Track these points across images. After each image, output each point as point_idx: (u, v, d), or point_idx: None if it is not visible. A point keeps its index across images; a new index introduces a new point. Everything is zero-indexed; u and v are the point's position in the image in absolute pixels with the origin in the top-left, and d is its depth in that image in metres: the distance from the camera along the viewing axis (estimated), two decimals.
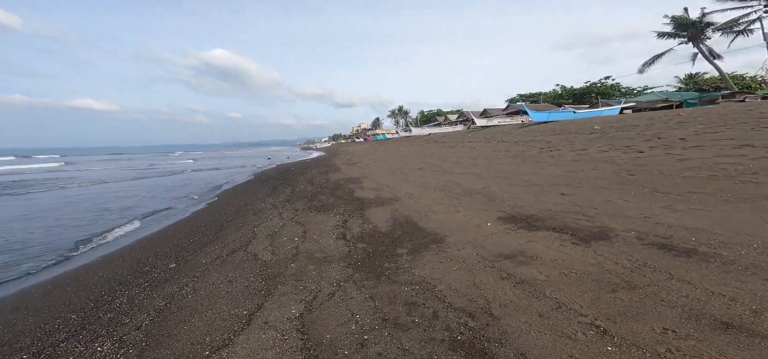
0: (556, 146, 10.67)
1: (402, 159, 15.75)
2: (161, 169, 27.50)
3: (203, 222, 7.25)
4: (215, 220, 7.31)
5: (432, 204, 6.06)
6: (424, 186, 7.89)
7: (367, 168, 14.03)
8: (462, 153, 13.72)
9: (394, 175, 10.76)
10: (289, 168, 20.29)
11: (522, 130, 17.56)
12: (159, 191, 13.48)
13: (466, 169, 9.56)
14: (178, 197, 11.70)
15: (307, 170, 17.33)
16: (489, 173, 8.29)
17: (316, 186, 10.45)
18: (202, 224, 7.03)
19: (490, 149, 12.83)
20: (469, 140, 18.17)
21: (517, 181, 7.02)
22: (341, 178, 11.88)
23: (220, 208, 8.77)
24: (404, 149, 23.42)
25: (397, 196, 7.24)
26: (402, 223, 5.15)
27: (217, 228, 6.47)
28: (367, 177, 11.06)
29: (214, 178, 18.36)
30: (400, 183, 8.91)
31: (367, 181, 10.24)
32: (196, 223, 7.30)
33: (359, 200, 7.43)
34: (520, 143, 12.53)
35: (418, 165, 12.35)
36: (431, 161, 12.96)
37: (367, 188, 8.91)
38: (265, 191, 10.82)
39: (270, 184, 12.87)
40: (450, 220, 4.92)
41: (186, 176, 19.87)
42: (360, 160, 19.03)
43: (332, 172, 14.53)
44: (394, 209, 6.08)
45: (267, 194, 10.23)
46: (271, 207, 7.90)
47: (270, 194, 10.03)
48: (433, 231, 4.50)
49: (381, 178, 10.39)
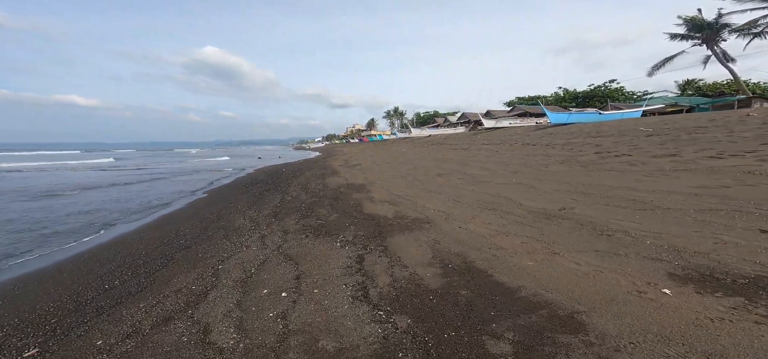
0: (611, 150, 8.84)
1: (410, 162, 13.78)
2: (128, 170, 24.96)
3: (144, 248, 5.11)
4: (165, 244, 5.20)
5: (491, 233, 4.07)
6: (459, 201, 5.90)
7: (371, 172, 12.02)
8: (483, 157, 11.81)
9: (408, 182, 8.78)
10: (279, 170, 18.13)
11: (542, 131, 15.80)
12: (109, 200, 11.22)
13: (505, 178, 7.62)
14: (132, 206, 9.48)
15: (300, 172, 15.23)
16: (549, 186, 6.30)
17: (311, 194, 8.41)
18: (140, 252, 4.90)
19: (519, 153, 10.95)
20: (481, 142, 16.34)
21: (615, 199, 4.91)
22: (341, 184, 9.85)
23: (180, 223, 6.64)
24: (407, 150, 21.49)
25: (427, 215, 5.25)
26: (459, 270, 3.16)
27: (162, 262, 4.36)
28: (374, 184, 9.05)
29: (187, 180, 16.09)
30: (421, 195, 6.93)
31: (375, 189, 8.23)
32: (134, 248, 5.16)
33: (373, 218, 5.42)
34: (554, 146, 10.69)
35: (434, 170, 10.40)
36: (449, 166, 11.02)
37: (379, 200, 6.90)
38: (248, 199, 8.72)
39: (256, 189, 10.76)
40: (556, 272, 2.91)
41: (152, 179, 17.53)
42: (359, 162, 17.02)
43: (330, 176, 12.48)
44: (433, 240, 4.08)
45: (250, 203, 8.14)
46: (251, 225, 5.83)
47: (253, 204, 7.94)
48: (539, 297, 2.48)
49: (393, 186, 8.39)
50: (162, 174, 19.13)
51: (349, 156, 23.98)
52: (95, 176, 18.99)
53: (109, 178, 17.29)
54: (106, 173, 20.43)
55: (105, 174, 19.86)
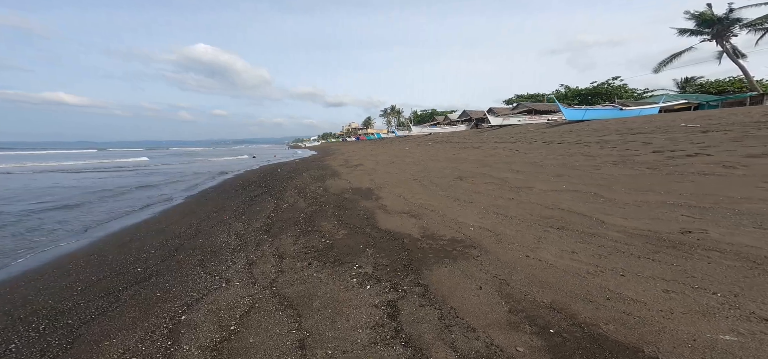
0: (672, 148, 7.61)
1: (419, 162, 12.56)
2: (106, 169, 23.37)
3: (83, 278, 3.79)
4: (115, 272, 3.88)
5: (590, 270, 2.81)
6: (505, 215, 4.65)
7: (377, 174, 10.78)
8: (505, 156, 10.58)
9: (424, 187, 7.56)
10: (274, 170, 16.80)
11: (559, 129, 14.68)
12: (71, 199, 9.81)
13: (548, 182, 6.30)
14: (92, 215, 8.12)
15: (297, 173, 13.93)
16: (625, 195, 4.80)
17: (310, 201, 7.15)
18: (76, 286, 3.57)
19: (547, 152, 9.69)
20: (493, 140, 15.17)
21: None
22: (345, 187, 8.60)
23: (146, 239, 5.32)
24: (411, 149, 20.28)
25: (468, 235, 4.02)
26: (572, 338, 1.94)
27: (101, 304, 3.05)
28: (383, 189, 7.82)
29: (169, 183, 14.70)
30: (449, 205, 5.70)
31: (387, 196, 7.00)
32: (67, 278, 3.82)
33: (393, 237, 4.19)
34: (588, 144, 9.42)
35: (451, 172, 9.19)
36: (468, 167, 9.81)
37: (396, 210, 5.67)
38: (236, 206, 7.43)
39: (246, 193, 9.46)
40: None
41: (137, 180, 16.06)
42: (361, 162, 15.77)
43: (330, 177, 11.22)
44: (493, 276, 2.86)
45: (237, 212, 6.85)
46: (236, 244, 4.57)
47: (242, 213, 6.66)
48: None
49: (408, 192, 7.17)
50: (181, 175, 17.64)
51: (349, 155, 22.71)
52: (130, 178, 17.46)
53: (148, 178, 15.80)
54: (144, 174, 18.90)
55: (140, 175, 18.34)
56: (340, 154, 27.20)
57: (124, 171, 21.01)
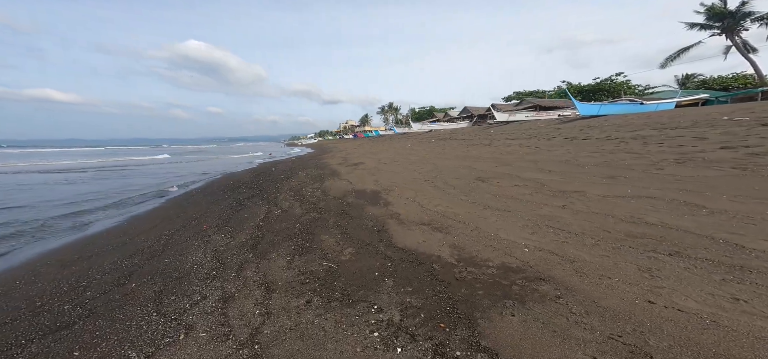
0: (735, 145, 6.60)
1: (427, 161, 11.51)
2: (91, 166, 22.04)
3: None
4: (39, 309, 2.79)
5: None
6: (568, 231, 3.52)
7: (382, 174, 9.72)
8: (526, 155, 9.50)
9: (441, 191, 6.51)
10: (268, 169, 15.68)
11: (576, 124, 13.69)
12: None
13: (602, 187, 5.12)
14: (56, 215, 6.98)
15: (293, 173, 12.83)
16: (729, 202, 3.88)
17: (308, 206, 6.08)
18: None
19: (576, 150, 8.52)
20: (504, 137, 14.16)
21: None
22: (346, 190, 7.54)
23: (100, 257, 4.21)
24: (414, 147, 19.23)
25: (527, 261, 2.98)
26: None
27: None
28: (391, 192, 6.76)
29: (153, 180, 13.52)
30: (480, 214, 4.65)
31: (397, 200, 5.94)
32: None
33: (419, 260, 3.14)
34: (624, 140, 8.25)
35: (467, 172, 8.14)
36: (486, 167, 8.78)
37: (412, 220, 4.61)
38: (220, 213, 6.33)
39: (234, 196, 8.36)
40: None
41: (121, 176, 14.86)
42: (362, 160, 14.69)
43: (329, 177, 10.14)
44: (616, 340, 1.82)
45: (221, 219, 5.76)
46: (211, 267, 3.49)
47: (226, 221, 5.58)
48: None
49: (422, 196, 6.11)
50: (202, 175, 16.45)
51: (347, 153, 21.60)
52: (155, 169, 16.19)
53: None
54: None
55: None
56: (337, 152, 26.07)
57: (138, 168, 19.73)
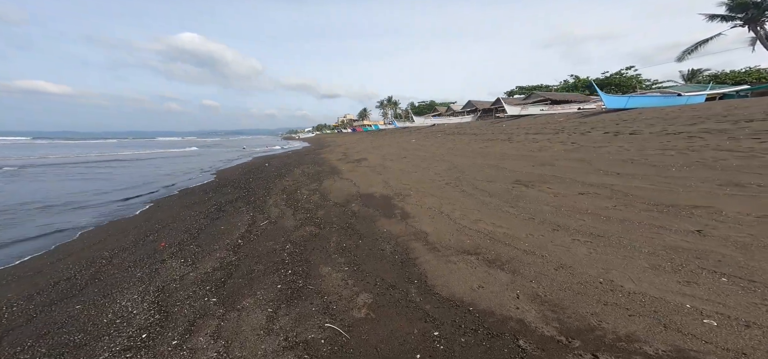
0: None
1: (440, 158, 10.09)
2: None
3: None
4: None
5: None
6: (748, 279, 2.21)
7: (389, 173, 8.30)
8: (567, 152, 8.00)
9: (470, 196, 5.11)
10: (261, 165, 14.22)
11: (606, 117, 12.27)
12: None
13: (738, 200, 3.81)
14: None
15: (287, 169, 11.39)
16: None
17: (303, 216, 4.66)
18: None
19: (639, 147, 6.89)
20: (525, 132, 12.74)
21: None
22: (350, 193, 6.13)
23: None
24: (420, 142, 17.78)
25: (716, 344, 1.58)
26: None
27: None
28: (406, 197, 5.36)
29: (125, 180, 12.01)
30: (553, 238, 3.25)
31: (415, 209, 4.54)
32: None
33: (481, 324, 1.72)
34: (701, 135, 6.83)
35: (500, 174, 6.73)
36: (518, 166, 7.38)
37: (446, 242, 3.20)
38: (190, 222, 4.90)
39: (214, 200, 6.94)
40: None
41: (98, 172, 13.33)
42: (364, 156, 13.25)
43: (328, 176, 8.71)
44: None
45: (188, 233, 4.34)
46: (143, 325, 2.06)
47: (193, 238, 4.16)
48: None
49: (447, 204, 4.70)
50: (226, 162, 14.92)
51: (347, 148, 20.12)
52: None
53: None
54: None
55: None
56: (336, 146, 24.56)
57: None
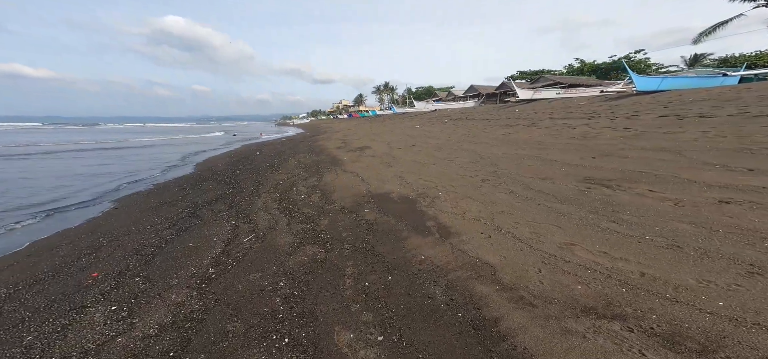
0: None
1: (457, 147, 8.74)
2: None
3: None
4: None
5: None
6: None
7: (401, 165, 6.95)
8: (626, 140, 6.73)
9: (533, 203, 3.82)
10: (251, 155, 12.77)
11: (639, 100, 10.97)
12: None
13: None
14: None
15: (282, 160, 9.98)
16: None
17: (302, 227, 3.34)
18: None
19: (725, 134, 5.76)
20: (548, 117, 11.40)
21: None
22: (359, 191, 4.80)
23: None
24: (425, 127, 16.36)
25: None
26: None
27: None
28: (435, 200, 4.06)
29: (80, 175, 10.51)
30: (721, 281, 1.96)
31: (454, 218, 3.25)
32: None
33: None
34: None
35: (550, 168, 5.42)
36: (575, 159, 6.07)
37: (544, 293, 1.92)
38: (150, 235, 3.56)
39: (190, 199, 5.57)
40: None
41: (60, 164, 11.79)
42: (367, 144, 11.86)
43: (329, 168, 7.35)
44: None
45: (140, 254, 3.01)
46: None
47: (143, 265, 2.83)
48: None
49: (506, 217, 3.41)
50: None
51: (346, 134, 18.65)
52: None
53: None
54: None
55: None
56: (333, 132, 23.01)
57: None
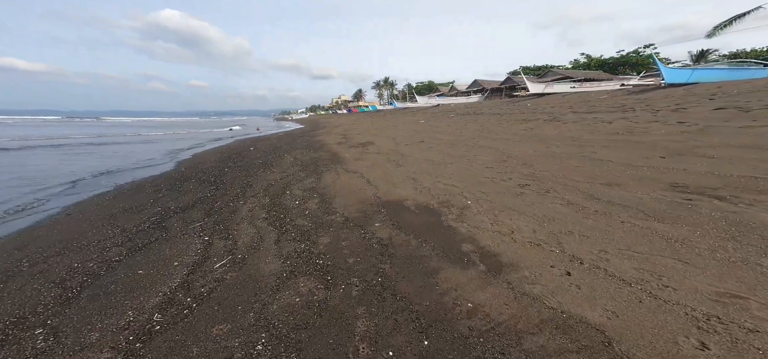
0: None
1: (473, 144, 7.77)
2: None
3: None
4: None
5: None
6: None
7: (412, 165, 5.98)
8: (687, 138, 5.83)
9: (598, 216, 2.87)
10: (244, 150, 11.76)
11: (679, 93, 9.97)
12: None
13: None
14: None
15: (277, 156, 8.99)
16: None
17: (297, 245, 2.39)
18: None
19: None
20: (572, 111, 10.43)
21: None
22: (365, 196, 3.84)
23: None
24: (430, 123, 15.37)
25: None
26: None
27: None
28: (466, 211, 3.13)
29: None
30: None
31: (500, 240, 2.32)
32: None
33: None
34: None
35: (609, 172, 4.47)
36: (639, 159, 5.14)
37: None
38: (91, 255, 2.61)
39: (161, 203, 4.59)
40: None
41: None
42: (369, 140, 10.88)
43: (328, 166, 6.38)
44: None
45: (64, 286, 2.05)
46: None
47: (64, 301, 1.87)
48: None
49: (562, 232, 2.50)
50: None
51: (346, 129, 17.63)
52: None
53: None
54: None
55: None
56: (333, 127, 21.98)
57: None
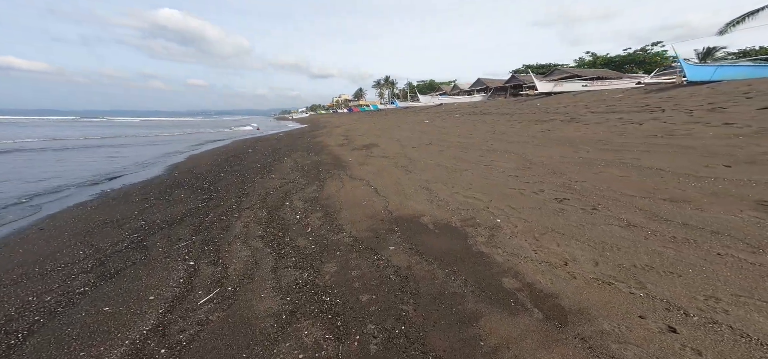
0: None
1: (489, 148, 7.22)
2: None
3: None
4: None
5: None
6: None
7: (423, 170, 5.43)
8: (748, 142, 5.27)
9: (687, 250, 2.31)
10: (243, 152, 11.20)
11: (707, 92, 9.36)
12: None
13: None
14: None
15: (276, 158, 8.42)
16: None
17: (298, 275, 1.88)
18: None
19: None
20: (589, 110, 9.83)
21: None
22: (376, 212, 3.30)
23: None
24: (436, 123, 14.79)
25: None
26: None
27: None
28: (497, 232, 2.62)
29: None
30: None
31: (550, 274, 1.80)
32: None
33: None
34: None
35: (673, 185, 3.91)
36: (710, 172, 4.56)
37: None
38: (52, 284, 2.07)
39: (146, 217, 4.03)
40: None
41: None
42: (373, 141, 10.32)
43: (331, 172, 5.81)
44: None
45: (5, 331, 1.48)
46: None
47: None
48: None
49: (640, 268, 1.97)
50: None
51: (348, 130, 17.07)
52: None
53: None
54: None
55: None
56: (334, 127, 21.41)
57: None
